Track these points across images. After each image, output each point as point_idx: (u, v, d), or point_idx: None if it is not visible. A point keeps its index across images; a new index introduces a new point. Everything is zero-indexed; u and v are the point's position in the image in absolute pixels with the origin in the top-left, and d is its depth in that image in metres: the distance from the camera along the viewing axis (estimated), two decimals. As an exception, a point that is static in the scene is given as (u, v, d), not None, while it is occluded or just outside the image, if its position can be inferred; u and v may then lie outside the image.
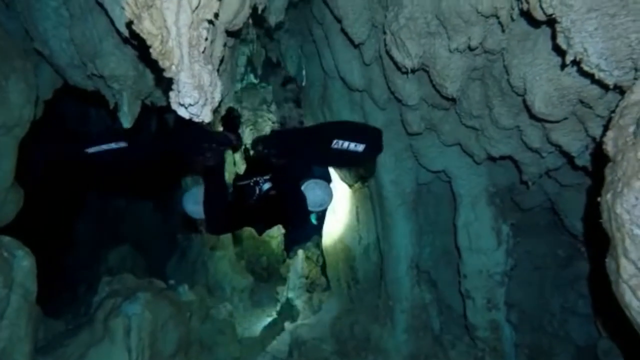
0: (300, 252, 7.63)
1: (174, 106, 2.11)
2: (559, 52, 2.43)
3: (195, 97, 2.06)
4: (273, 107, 8.65)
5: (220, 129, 3.44)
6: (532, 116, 2.93)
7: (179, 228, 8.70)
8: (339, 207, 6.92)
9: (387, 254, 5.10)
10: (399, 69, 3.61)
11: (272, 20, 3.90)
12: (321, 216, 8.15)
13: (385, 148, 4.76)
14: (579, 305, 4.16)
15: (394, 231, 4.96)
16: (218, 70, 3.08)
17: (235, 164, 7.96)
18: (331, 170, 6.47)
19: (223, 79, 3.50)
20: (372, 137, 2.09)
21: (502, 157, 3.83)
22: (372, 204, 5.47)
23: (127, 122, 4.04)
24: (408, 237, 4.90)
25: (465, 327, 4.60)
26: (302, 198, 2.31)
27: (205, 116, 2.22)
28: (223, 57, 3.12)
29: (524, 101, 2.91)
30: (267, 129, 9.02)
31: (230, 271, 7.63)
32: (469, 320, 4.44)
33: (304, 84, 5.83)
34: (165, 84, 2.12)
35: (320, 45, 4.80)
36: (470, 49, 3.07)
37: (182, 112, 2.15)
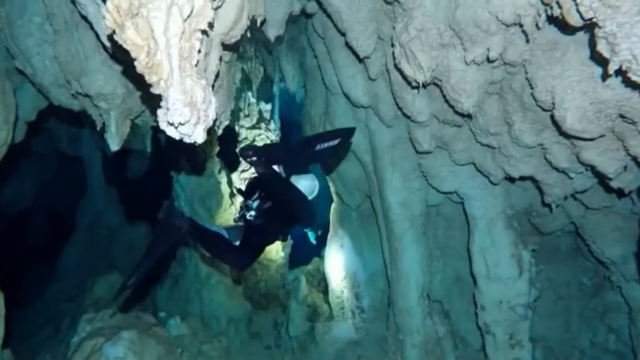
0: (302, 278, 7.21)
1: (163, 125, 1.83)
2: (598, 61, 2.18)
3: (187, 115, 1.79)
4: (272, 125, 8.42)
5: (217, 148, 3.33)
6: (562, 133, 2.65)
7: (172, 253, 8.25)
8: (341, 230, 6.56)
9: (395, 282, 4.72)
10: (408, 83, 3.37)
11: (272, 34, 3.67)
12: (321, 236, 7.77)
13: (392, 168, 4.57)
14: (611, 340, 3.77)
15: (402, 257, 4.60)
16: (213, 86, 2.81)
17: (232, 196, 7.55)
18: (333, 192, 6.16)
19: (219, 96, 3.23)
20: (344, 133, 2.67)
21: (523, 178, 3.54)
22: (378, 226, 5.13)
23: (114, 144, 3.73)
24: (418, 264, 4.54)
25: (485, 364, 4.19)
26: (295, 188, 2.48)
27: (198, 136, 1.95)
28: (218, 72, 2.87)
29: (552, 117, 2.64)
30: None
31: (227, 299, 7.16)
32: (489, 358, 4.03)
33: (305, 100, 5.58)
34: (155, 101, 1.85)
35: (321, 60, 4.57)
36: (489, 60, 2.82)
37: (172, 132, 1.88)
